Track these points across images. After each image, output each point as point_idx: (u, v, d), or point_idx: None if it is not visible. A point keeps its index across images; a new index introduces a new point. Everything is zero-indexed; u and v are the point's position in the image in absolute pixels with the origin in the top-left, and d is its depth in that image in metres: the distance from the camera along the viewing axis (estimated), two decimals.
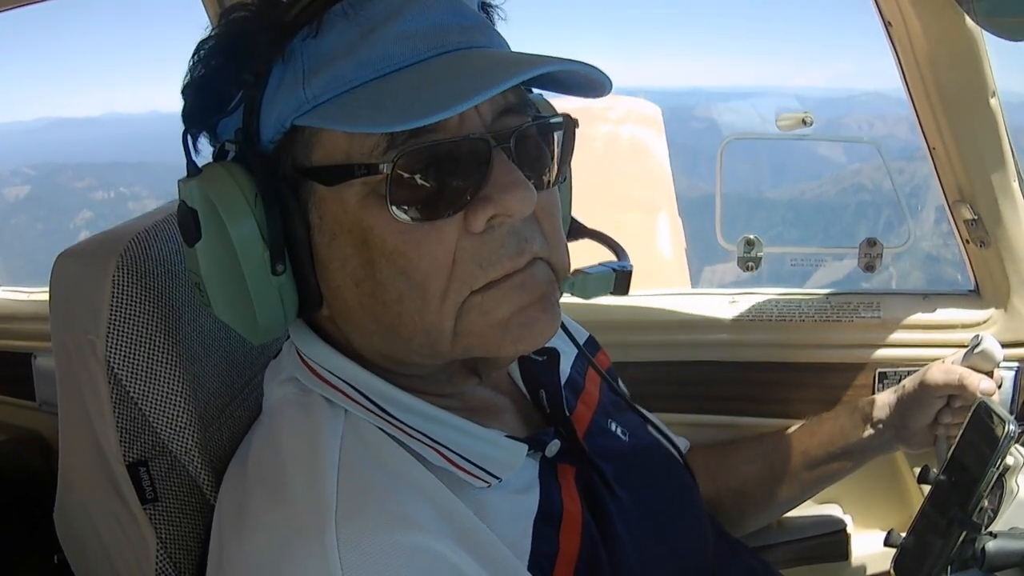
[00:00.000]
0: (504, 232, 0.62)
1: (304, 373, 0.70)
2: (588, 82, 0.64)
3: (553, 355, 0.80)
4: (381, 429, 0.67)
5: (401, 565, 0.56)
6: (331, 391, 0.68)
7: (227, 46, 0.65)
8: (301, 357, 0.71)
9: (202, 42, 0.66)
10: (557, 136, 0.68)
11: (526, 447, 0.70)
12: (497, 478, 0.67)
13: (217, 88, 0.64)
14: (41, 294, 1.68)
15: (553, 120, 0.67)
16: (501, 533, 0.64)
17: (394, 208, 0.59)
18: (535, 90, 0.71)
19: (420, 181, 0.59)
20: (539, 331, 0.64)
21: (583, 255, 0.80)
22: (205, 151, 0.69)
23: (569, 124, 0.68)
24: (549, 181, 0.67)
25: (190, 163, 0.65)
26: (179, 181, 0.65)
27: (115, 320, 0.76)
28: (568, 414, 0.78)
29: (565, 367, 0.86)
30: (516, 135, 0.62)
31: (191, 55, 0.67)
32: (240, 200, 0.61)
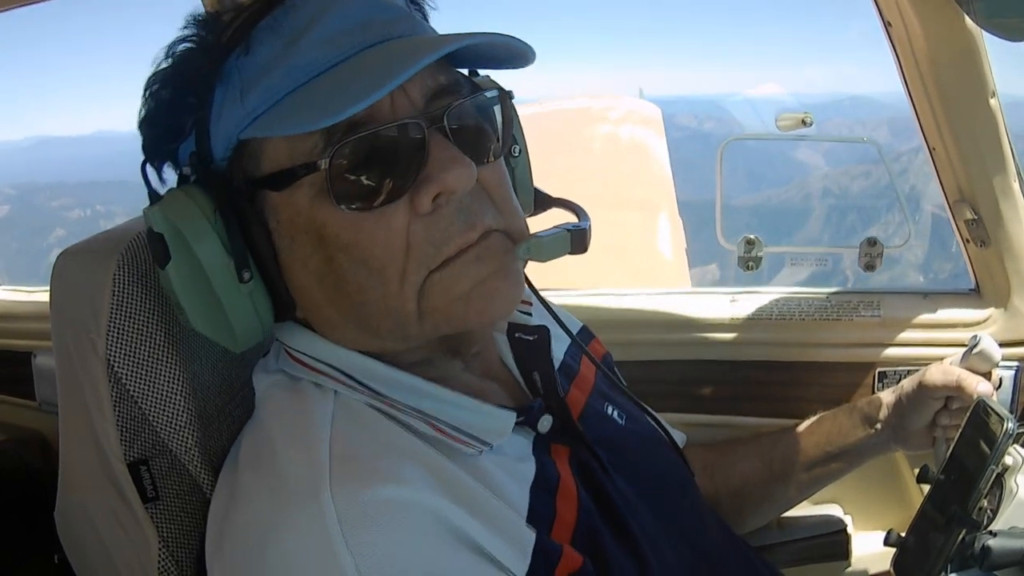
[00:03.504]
0: (452, 209, 0.64)
1: (290, 364, 0.72)
2: (513, 54, 0.67)
3: (543, 332, 0.81)
4: (371, 406, 0.68)
5: (395, 520, 0.58)
6: (318, 376, 0.70)
7: (172, 76, 0.68)
8: (286, 350, 0.73)
9: (151, 78, 0.69)
10: (496, 110, 0.71)
11: (515, 415, 0.71)
12: (488, 444, 0.69)
13: (169, 117, 0.68)
14: (41, 293, 1.68)
15: (487, 95, 0.69)
16: (498, 494, 0.65)
17: (339, 202, 0.62)
18: (482, 71, 0.75)
19: (360, 172, 0.62)
20: (501, 299, 0.66)
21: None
22: (171, 179, 0.72)
23: (504, 96, 0.71)
24: (493, 154, 0.69)
25: (151, 192, 0.69)
26: (144, 210, 0.68)
27: (116, 319, 0.76)
28: (562, 395, 0.79)
29: (558, 353, 0.87)
30: (449, 114, 0.64)
31: (143, 91, 0.70)
32: (200, 219, 0.64)
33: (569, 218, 0.80)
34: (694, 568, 0.80)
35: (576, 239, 0.72)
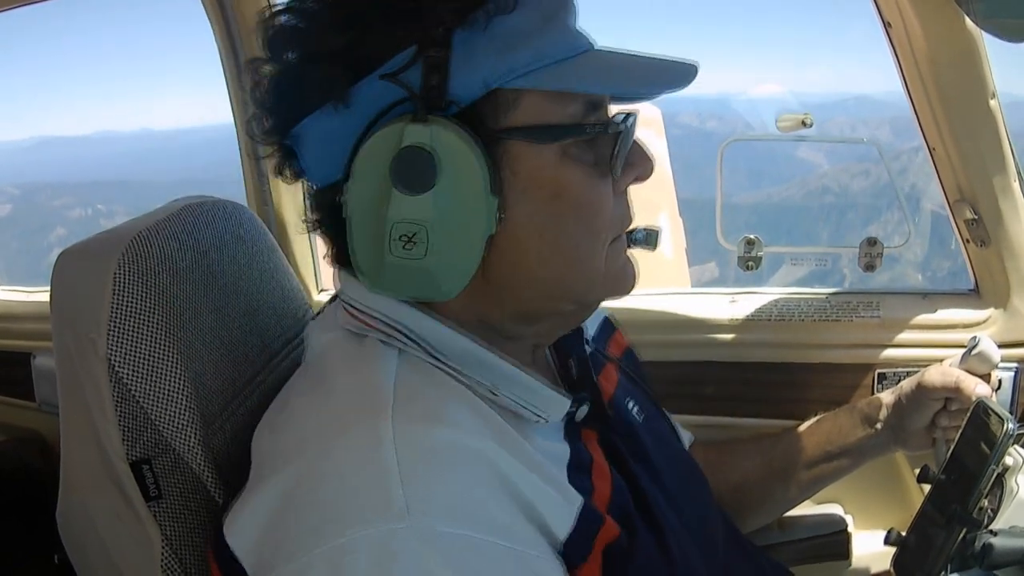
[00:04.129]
0: (627, 198, 0.75)
1: (353, 323, 0.71)
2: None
3: (578, 329, 0.85)
4: (434, 366, 0.69)
5: (453, 463, 0.59)
6: (384, 335, 0.69)
7: (391, 6, 0.65)
8: (349, 309, 0.72)
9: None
10: None
11: (569, 400, 0.73)
12: (544, 418, 0.71)
13: (382, 41, 0.64)
14: (40, 293, 1.68)
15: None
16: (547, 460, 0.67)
17: (584, 164, 0.68)
18: None
19: (606, 146, 0.70)
20: (634, 277, 0.77)
21: None
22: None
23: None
24: None
25: (421, 107, 0.63)
26: (405, 125, 0.63)
27: (116, 318, 0.76)
28: (595, 380, 0.83)
29: (587, 347, 0.89)
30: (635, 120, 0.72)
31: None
32: (469, 152, 0.63)
33: None
34: (710, 563, 0.81)
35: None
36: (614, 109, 0.72)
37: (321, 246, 0.76)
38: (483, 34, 0.64)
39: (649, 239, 0.80)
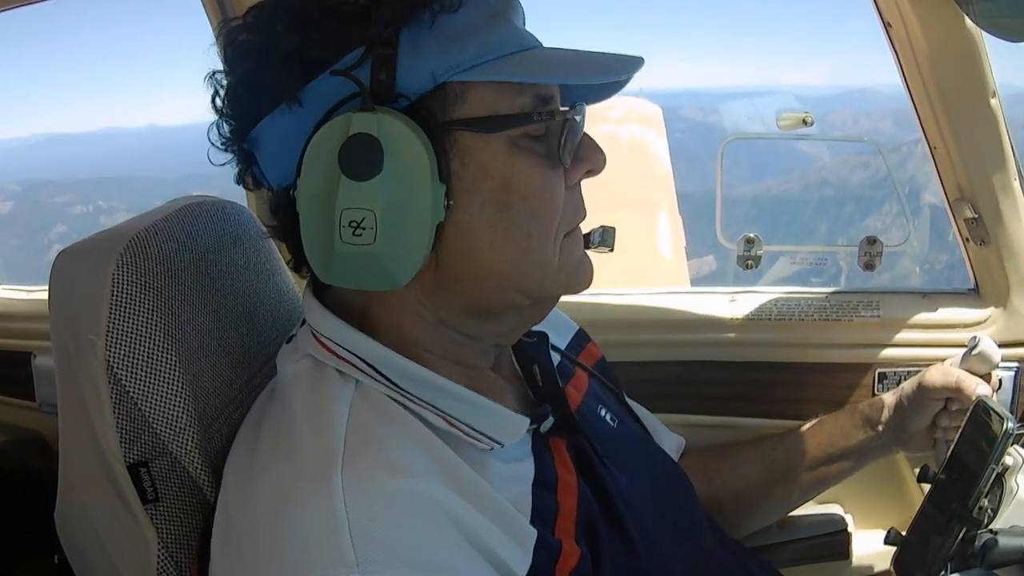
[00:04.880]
0: (579, 191, 0.76)
1: (317, 349, 0.73)
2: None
3: (543, 336, 0.86)
4: (389, 397, 0.70)
5: (402, 510, 0.60)
6: (343, 364, 0.71)
7: (340, 9, 0.67)
8: (314, 335, 0.74)
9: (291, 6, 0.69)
10: None
11: (528, 420, 0.74)
12: (499, 443, 0.71)
13: (331, 42, 0.67)
14: (40, 293, 1.68)
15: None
16: (502, 492, 0.67)
17: (536, 154, 0.70)
18: None
19: (554, 136, 0.70)
20: (591, 272, 0.77)
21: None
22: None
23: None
24: None
25: (368, 98, 0.65)
26: (352, 114, 0.64)
27: (115, 319, 0.76)
28: (561, 387, 0.83)
29: (554, 355, 0.89)
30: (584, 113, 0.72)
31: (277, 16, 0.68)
32: (415, 140, 0.64)
33: None
34: (692, 565, 0.81)
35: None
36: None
37: None
38: (429, 31, 0.66)
39: (606, 239, 0.81)
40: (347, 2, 0.67)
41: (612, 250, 0.82)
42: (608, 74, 0.71)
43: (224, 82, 0.72)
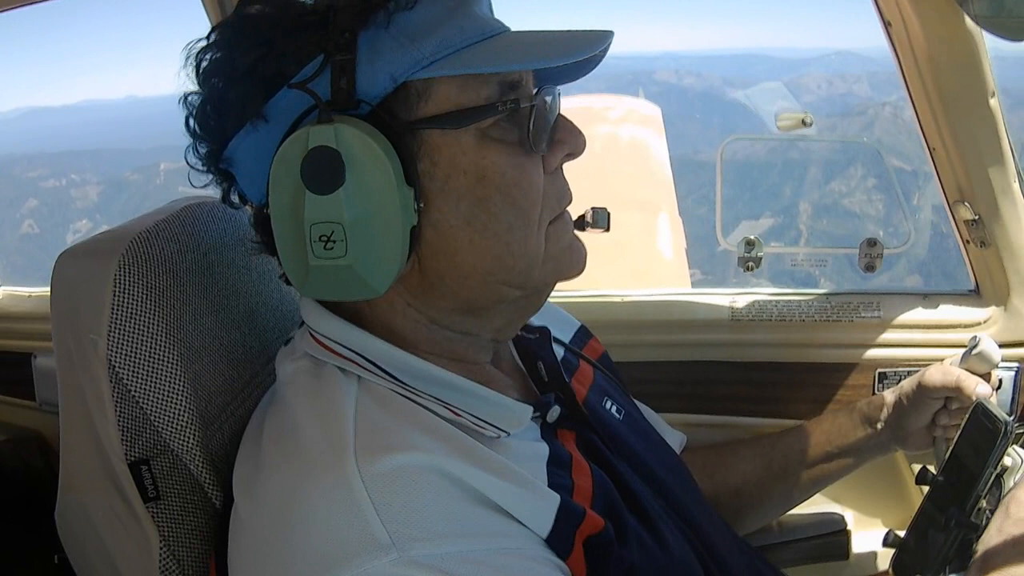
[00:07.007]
0: (562, 176, 0.74)
1: (316, 348, 0.73)
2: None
3: (545, 332, 0.86)
4: (393, 391, 0.70)
5: (425, 484, 0.60)
6: (343, 361, 0.71)
7: (296, 22, 0.67)
8: (312, 335, 0.73)
9: (246, 21, 0.68)
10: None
11: (531, 408, 0.74)
12: (505, 431, 0.70)
13: (289, 55, 0.66)
14: (41, 293, 1.68)
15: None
16: (519, 465, 0.67)
17: (508, 144, 0.68)
18: None
19: (525, 123, 0.69)
20: (583, 256, 0.76)
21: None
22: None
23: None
24: None
25: (324, 109, 0.64)
26: (310, 127, 0.64)
27: (117, 319, 0.76)
28: (567, 381, 0.83)
29: (558, 350, 0.90)
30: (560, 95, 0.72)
31: (232, 37, 0.68)
32: (376, 146, 0.64)
33: None
34: (701, 557, 0.81)
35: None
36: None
37: None
38: (386, 32, 0.65)
39: (598, 219, 0.80)
40: (304, 12, 0.67)
41: (607, 230, 0.82)
42: (572, 54, 0.67)
43: (196, 103, 0.71)
